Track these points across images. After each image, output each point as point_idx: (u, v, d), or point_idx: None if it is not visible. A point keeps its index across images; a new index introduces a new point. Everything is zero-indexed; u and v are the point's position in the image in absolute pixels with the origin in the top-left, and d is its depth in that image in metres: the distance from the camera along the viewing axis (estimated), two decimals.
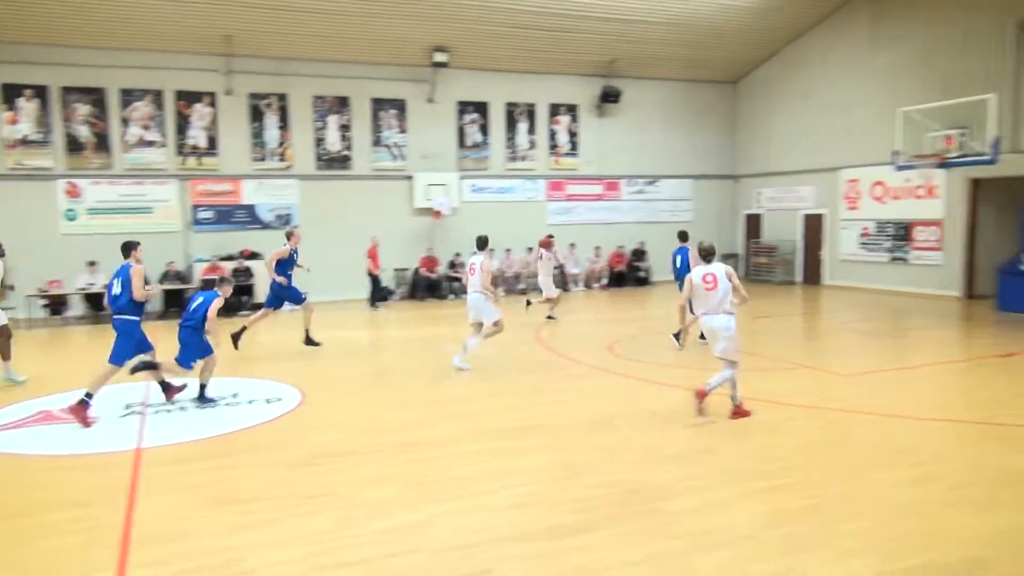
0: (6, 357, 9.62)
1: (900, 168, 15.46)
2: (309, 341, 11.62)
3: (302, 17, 16.46)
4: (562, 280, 20.32)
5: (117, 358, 7.84)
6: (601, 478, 5.80)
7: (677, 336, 11.33)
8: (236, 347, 11.15)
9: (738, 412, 7.41)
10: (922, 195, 17.51)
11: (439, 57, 18.62)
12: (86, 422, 7.48)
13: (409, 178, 19.55)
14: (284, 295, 11.44)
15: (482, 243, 10.42)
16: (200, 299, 8.26)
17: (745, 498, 5.35)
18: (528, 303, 14.61)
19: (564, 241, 20.82)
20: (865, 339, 12.42)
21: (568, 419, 7.57)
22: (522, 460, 6.29)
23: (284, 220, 18.33)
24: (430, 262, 19.25)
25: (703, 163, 22.92)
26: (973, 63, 16.10)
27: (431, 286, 19.14)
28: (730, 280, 7.38)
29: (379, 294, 17.76)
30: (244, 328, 11.47)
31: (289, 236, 11.60)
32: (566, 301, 18.43)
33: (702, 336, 10.51)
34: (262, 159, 18.35)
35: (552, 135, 21.10)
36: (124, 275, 7.88)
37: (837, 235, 19.80)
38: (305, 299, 11.52)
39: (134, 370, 7.97)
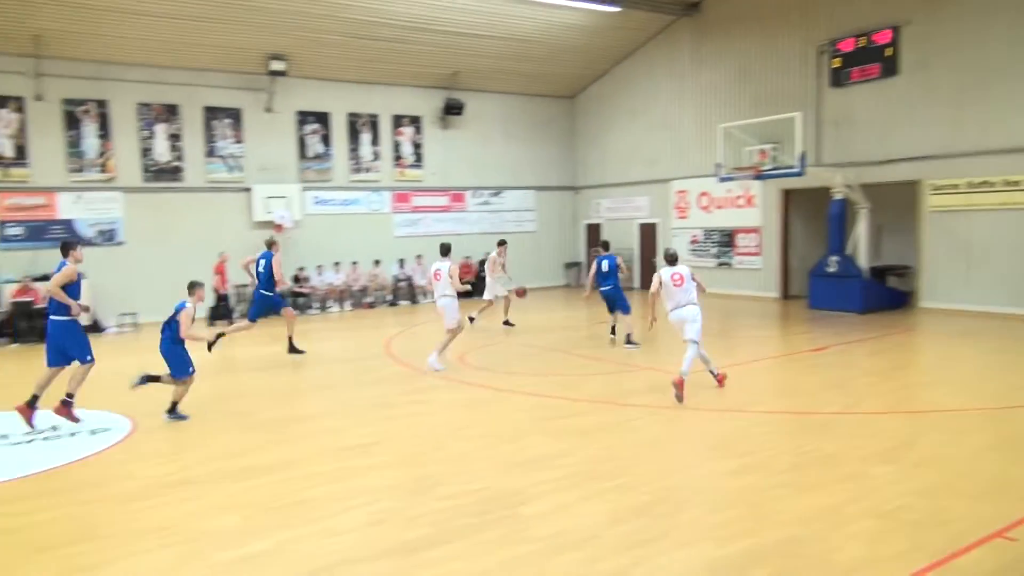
0: None
1: (722, 180, 16.72)
2: (292, 349, 12.02)
3: (122, 18, 15.43)
4: (410, 293, 20.27)
5: (51, 360, 8.05)
6: (456, 488, 5.85)
7: (630, 339, 12.17)
8: (210, 350, 11.11)
9: (721, 379, 9.00)
10: (742, 205, 19.00)
11: (276, 65, 18.06)
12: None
13: (247, 190, 18.79)
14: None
15: (445, 250, 11.19)
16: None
17: (593, 498, 5.59)
18: (471, 319, 14.79)
19: (410, 253, 20.79)
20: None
21: (420, 432, 7.57)
22: (373, 477, 6.23)
23: (108, 236, 17.07)
24: None
25: (545, 175, 23.66)
26: (781, 83, 17.70)
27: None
28: (693, 278, 8.82)
29: (221, 312, 16.88)
30: (221, 334, 11.46)
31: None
32: (414, 313, 18.39)
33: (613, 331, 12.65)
34: (80, 170, 16.98)
35: (396, 146, 21.02)
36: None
37: (669, 242, 21.06)
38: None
39: (140, 383, 8.02)
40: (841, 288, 15.68)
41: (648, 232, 21.82)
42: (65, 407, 8.04)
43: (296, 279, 18.76)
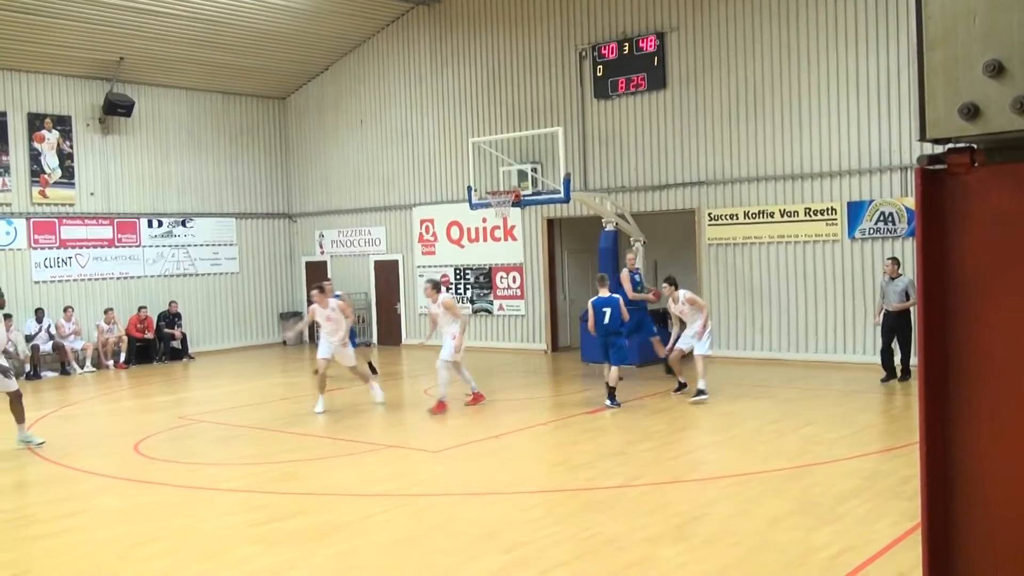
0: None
1: (475, 207, 17.39)
2: None
3: None
4: (58, 360, 18.68)
5: None
6: None
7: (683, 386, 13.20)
8: None
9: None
10: (500, 237, 19.92)
11: None
12: None
13: None
14: None
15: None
16: None
17: None
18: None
19: (57, 304, 19.23)
20: (451, 408, 13.60)
21: (78, 555, 6.98)
22: None
23: None
24: None
25: (250, 198, 23.19)
26: (540, 92, 18.98)
27: None
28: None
29: None
30: None
31: None
32: (66, 388, 16.99)
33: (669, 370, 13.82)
34: None
35: (35, 157, 19.44)
36: None
37: (414, 285, 21.43)
38: None
39: None
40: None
41: (387, 270, 22.09)
42: None
43: None
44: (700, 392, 12.55)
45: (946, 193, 1.97)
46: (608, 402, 12.35)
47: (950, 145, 1.96)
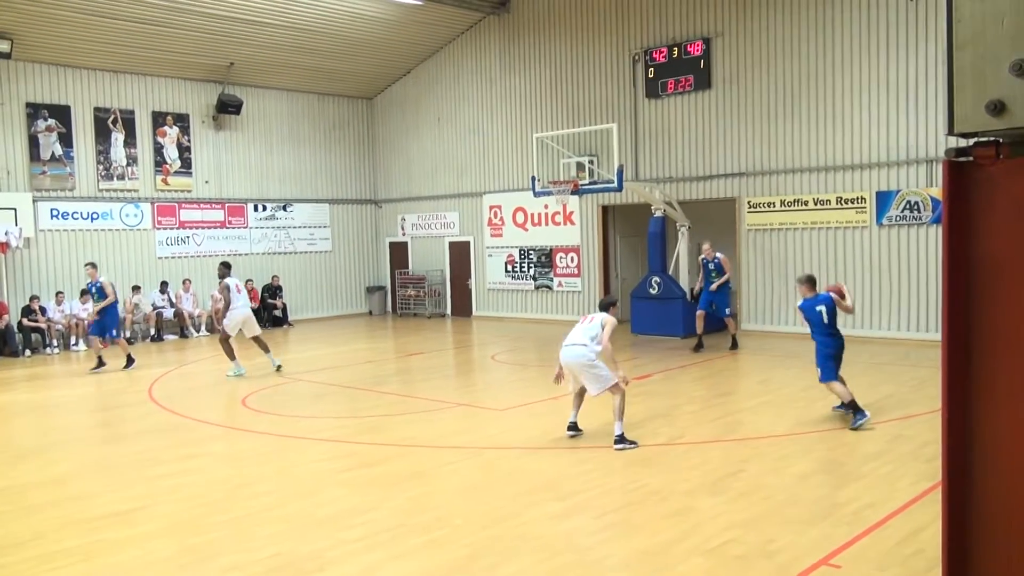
0: None
1: (537, 194, 17.38)
2: None
3: None
4: (178, 324, 19.20)
5: None
6: (240, 557, 5.59)
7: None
8: None
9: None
10: (560, 221, 19.86)
11: None
12: None
13: None
14: None
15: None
16: None
17: (403, 557, 5.55)
18: None
19: (177, 277, 19.72)
20: (515, 371, 13.66)
21: (193, 493, 7.16)
22: (134, 551, 5.80)
23: None
24: None
25: (341, 186, 23.41)
26: (597, 92, 18.77)
27: None
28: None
29: None
30: None
31: None
32: (183, 349, 17.43)
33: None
34: None
35: (158, 149, 19.89)
36: None
37: (484, 263, 21.52)
38: None
39: None
40: (663, 311, 16.77)
41: (460, 250, 22.18)
42: None
43: (28, 311, 17.12)
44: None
45: (972, 184, 1.90)
46: (856, 417, 8.67)
47: (976, 139, 1.89)
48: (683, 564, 5.30)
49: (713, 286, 14.33)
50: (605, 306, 8.83)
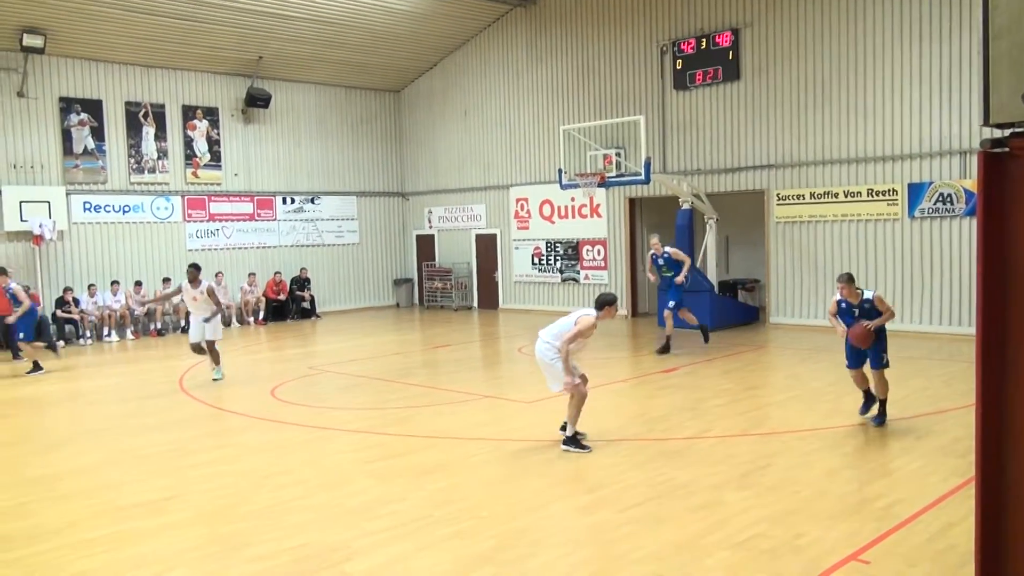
0: None
1: (564, 187, 17.31)
2: None
3: None
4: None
5: None
6: (269, 547, 5.64)
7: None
8: None
9: None
10: (586, 214, 19.79)
11: (31, 40, 16.74)
12: None
13: None
14: None
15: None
16: None
17: (430, 548, 5.58)
18: None
19: (208, 269, 19.90)
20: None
21: (223, 482, 7.25)
22: (165, 539, 5.88)
23: None
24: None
25: (369, 178, 23.50)
26: (624, 84, 18.67)
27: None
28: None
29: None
30: None
31: None
32: None
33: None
34: None
35: (188, 143, 20.09)
36: None
37: (510, 256, 21.52)
38: None
39: None
40: (690, 304, 16.61)
41: (487, 243, 22.19)
42: None
43: (61, 303, 17.38)
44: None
45: (1007, 174, 1.86)
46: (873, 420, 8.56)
47: (1013, 129, 1.85)
48: (710, 557, 5.28)
49: (679, 278, 13.82)
50: (600, 304, 8.15)
